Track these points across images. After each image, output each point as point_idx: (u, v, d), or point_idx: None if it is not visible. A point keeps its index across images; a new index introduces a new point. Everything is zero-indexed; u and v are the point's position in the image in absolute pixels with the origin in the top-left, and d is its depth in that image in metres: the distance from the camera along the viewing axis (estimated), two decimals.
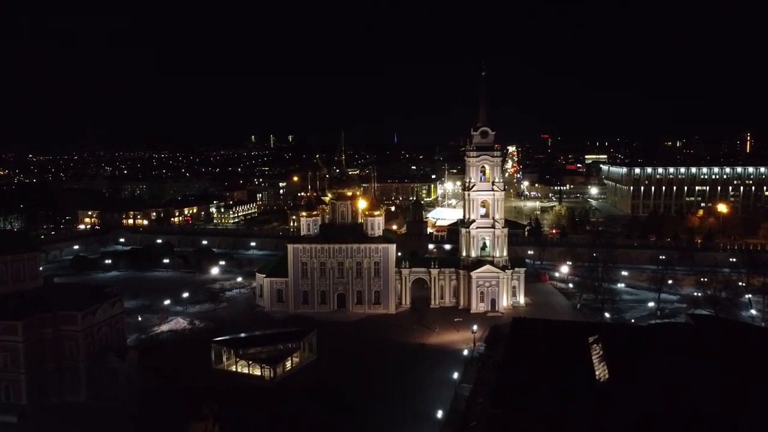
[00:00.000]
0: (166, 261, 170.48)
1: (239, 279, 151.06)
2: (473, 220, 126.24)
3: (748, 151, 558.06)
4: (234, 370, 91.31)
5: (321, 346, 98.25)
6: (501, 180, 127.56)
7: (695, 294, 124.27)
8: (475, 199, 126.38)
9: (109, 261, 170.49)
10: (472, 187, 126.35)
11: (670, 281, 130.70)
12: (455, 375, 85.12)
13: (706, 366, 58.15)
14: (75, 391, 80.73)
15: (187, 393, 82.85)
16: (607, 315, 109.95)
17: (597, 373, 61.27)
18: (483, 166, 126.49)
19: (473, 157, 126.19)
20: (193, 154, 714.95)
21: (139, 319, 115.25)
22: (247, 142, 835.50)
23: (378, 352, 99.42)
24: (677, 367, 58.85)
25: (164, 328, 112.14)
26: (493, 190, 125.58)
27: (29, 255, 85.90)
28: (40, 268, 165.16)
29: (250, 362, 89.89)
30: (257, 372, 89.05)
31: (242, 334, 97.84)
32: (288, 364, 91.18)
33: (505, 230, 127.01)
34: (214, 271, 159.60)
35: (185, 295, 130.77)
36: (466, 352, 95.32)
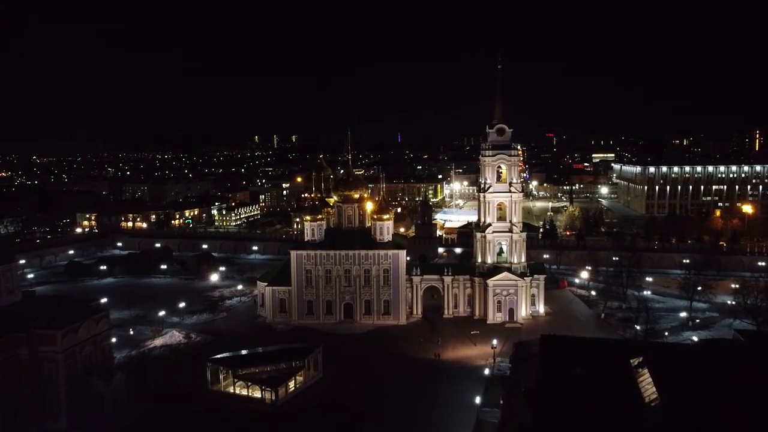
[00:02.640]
0: (163, 267, 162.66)
1: (240, 287, 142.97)
2: (489, 224, 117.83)
3: (757, 149, 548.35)
4: (232, 391, 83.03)
5: (327, 363, 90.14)
6: (518, 181, 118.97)
7: (729, 302, 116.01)
8: (490, 202, 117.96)
9: (105, 267, 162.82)
10: (488, 188, 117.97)
11: (698, 288, 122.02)
12: (477, 399, 76.77)
13: None
14: (55, 418, 72.65)
15: (179, 418, 75.42)
16: (638, 327, 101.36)
17: (648, 406, 52.76)
18: (499, 166, 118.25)
19: (489, 156, 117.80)
20: (196, 155, 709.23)
21: (131, 332, 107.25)
22: (251, 143, 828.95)
23: (389, 370, 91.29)
24: (746, 401, 50.31)
25: (158, 342, 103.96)
26: (510, 191, 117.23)
27: (5, 267, 77.81)
28: (30, 276, 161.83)
29: (250, 383, 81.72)
30: (257, 394, 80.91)
31: (243, 351, 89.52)
32: (291, 385, 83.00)
33: (523, 234, 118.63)
34: (214, 277, 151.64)
35: (182, 305, 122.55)
36: (487, 371, 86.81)
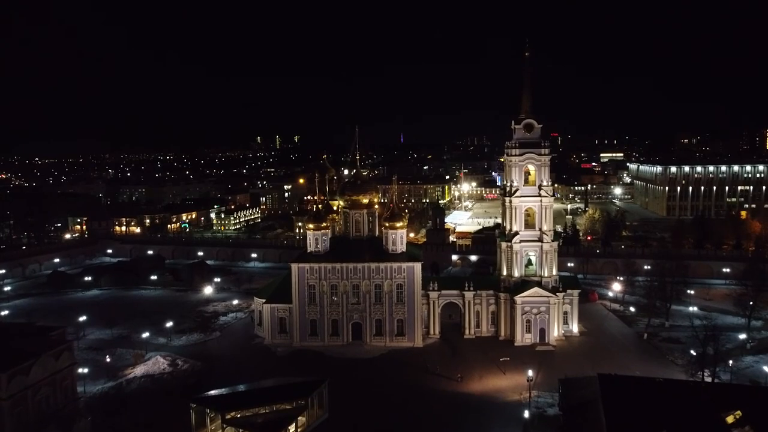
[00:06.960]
0: (154, 277, 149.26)
1: (236, 301, 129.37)
2: (516, 232, 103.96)
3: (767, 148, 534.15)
4: None
5: (334, 397, 76.47)
6: (549, 183, 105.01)
7: None
8: (517, 207, 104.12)
9: (90, 278, 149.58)
10: (515, 192, 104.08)
11: (750, 302, 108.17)
12: None
13: None
14: None
15: None
16: (692, 352, 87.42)
17: None
18: (527, 167, 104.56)
19: (515, 155, 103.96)
20: (197, 156, 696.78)
21: (108, 360, 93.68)
22: (253, 143, 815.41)
23: (407, 406, 77.67)
24: None
25: (138, 371, 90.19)
26: (540, 195, 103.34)
27: None
28: (8, 288, 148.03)
29: (242, 429, 68.16)
30: None
31: (240, 387, 75.77)
32: (291, 429, 69.35)
33: (555, 244, 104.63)
34: (208, 290, 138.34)
35: (170, 324, 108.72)
36: (526, 414, 72.86)
